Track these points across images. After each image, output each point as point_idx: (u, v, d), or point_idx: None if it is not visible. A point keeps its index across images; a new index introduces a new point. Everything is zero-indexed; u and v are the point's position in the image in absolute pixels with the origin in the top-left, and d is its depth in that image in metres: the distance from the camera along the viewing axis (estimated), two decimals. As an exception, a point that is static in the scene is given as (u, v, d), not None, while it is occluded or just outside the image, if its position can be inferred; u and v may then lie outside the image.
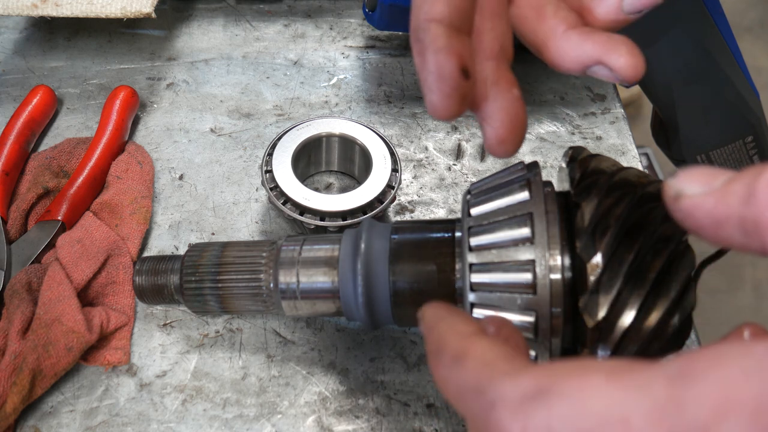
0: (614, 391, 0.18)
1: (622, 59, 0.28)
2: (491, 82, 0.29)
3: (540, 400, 0.19)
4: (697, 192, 0.22)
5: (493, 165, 0.56)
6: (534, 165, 0.35)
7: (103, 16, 0.56)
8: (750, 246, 0.21)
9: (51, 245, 0.47)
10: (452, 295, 0.36)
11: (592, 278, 0.30)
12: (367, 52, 0.65)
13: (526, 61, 0.63)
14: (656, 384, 0.18)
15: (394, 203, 0.53)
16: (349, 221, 0.47)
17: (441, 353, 0.23)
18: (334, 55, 0.64)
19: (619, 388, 0.18)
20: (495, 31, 0.29)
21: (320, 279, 0.38)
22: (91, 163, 0.51)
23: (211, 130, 0.57)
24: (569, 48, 0.29)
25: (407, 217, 0.53)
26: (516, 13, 0.32)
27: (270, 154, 0.49)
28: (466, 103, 0.27)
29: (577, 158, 0.35)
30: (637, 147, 0.58)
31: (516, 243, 0.32)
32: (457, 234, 0.37)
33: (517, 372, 0.20)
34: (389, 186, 0.49)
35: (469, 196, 0.36)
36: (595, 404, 0.18)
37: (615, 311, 0.30)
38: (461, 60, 0.27)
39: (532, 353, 0.33)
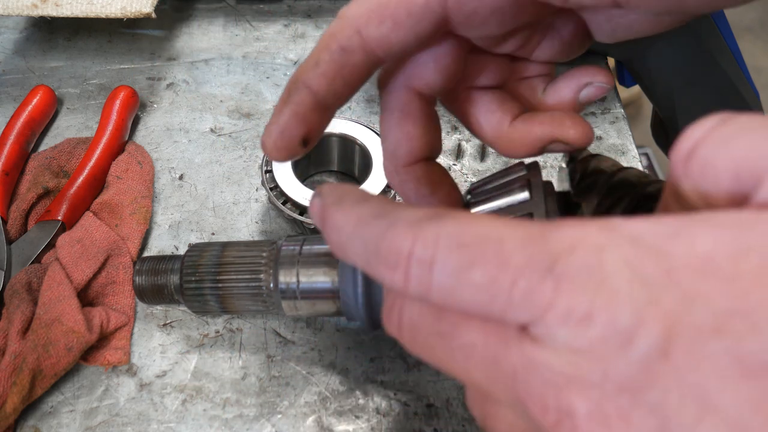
0: (497, 222, 0.21)
1: (572, 131, 0.31)
2: (429, 181, 0.33)
3: (433, 220, 0.22)
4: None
5: (493, 165, 0.56)
6: (534, 165, 0.35)
7: (103, 16, 0.56)
8: None
9: (51, 245, 0.47)
10: (452, 295, 0.36)
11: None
12: (367, 52, 0.64)
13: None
14: (532, 224, 0.21)
15: (394, 203, 0.53)
16: (349, 221, 0.47)
17: (343, 200, 0.25)
18: (334, 55, 0.64)
19: (502, 222, 0.21)
20: (425, 137, 0.32)
21: (320, 279, 0.38)
22: (91, 163, 0.51)
23: (211, 130, 0.57)
24: (519, 137, 0.32)
25: (407, 217, 0.52)
26: (459, 108, 0.33)
27: (270, 154, 0.49)
28: (294, 158, 0.30)
29: (577, 158, 0.35)
30: (637, 147, 0.58)
31: (516, 243, 0.32)
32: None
33: (417, 206, 0.23)
34: (389, 186, 0.49)
35: (469, 196, 0.36)
36: (479, 226, 0.21)
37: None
38: (308, 131, 0.29)
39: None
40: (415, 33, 0.28)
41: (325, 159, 0.54)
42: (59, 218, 0.48)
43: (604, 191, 0.32)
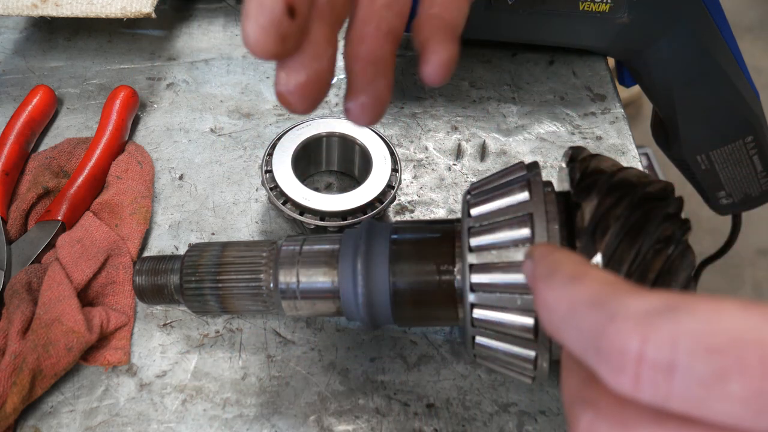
0: (752, 315, 0.17)
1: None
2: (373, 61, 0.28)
3: (667, 315, 0.18)
4: None
5: (493, 165, 0.56)
6: (534, 165, 0.35)
7: (103, 16, 0.56)
8: None
9: (51, 245, 0.47)
10: (452, 295, 0.36)
11: (592, 278, 0.30)
12: (367, 52, 0.64)
13: (528, 61, 0.64)
14: None
15: (394, 203, 0.53)
16: (349, 221, 0.47)
17: (554, 274, 0.22)
18: (334, 55, 0.64)
19: (757, 313, 0.17)
20: (390, 14, 0.28)
21: (320, 279, 0.38)
22: (91, 163, 0.51)
23: (211, 130, 0.57)
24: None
25: (407, 217, 0.53)
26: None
27: (270, 154, 0.49)
28: (287, 46, 0.24)
29: (577, 158, 0.35)
30: (637, 147, 0.58)
31: (516, 243, 0.32)
32: (457, 234, 0.37)
33: (642, 291, 0.19)
34: (389, 186, 0.49)
35: (469, 196, 0.36)
36: (730, 324, 0.17)
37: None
38: None
39: (532, 354, 0.33)
40: None
41: (325, 159, 0.54)
42: (59, 218, 0.48)
43: (604, 191, 0.32)
